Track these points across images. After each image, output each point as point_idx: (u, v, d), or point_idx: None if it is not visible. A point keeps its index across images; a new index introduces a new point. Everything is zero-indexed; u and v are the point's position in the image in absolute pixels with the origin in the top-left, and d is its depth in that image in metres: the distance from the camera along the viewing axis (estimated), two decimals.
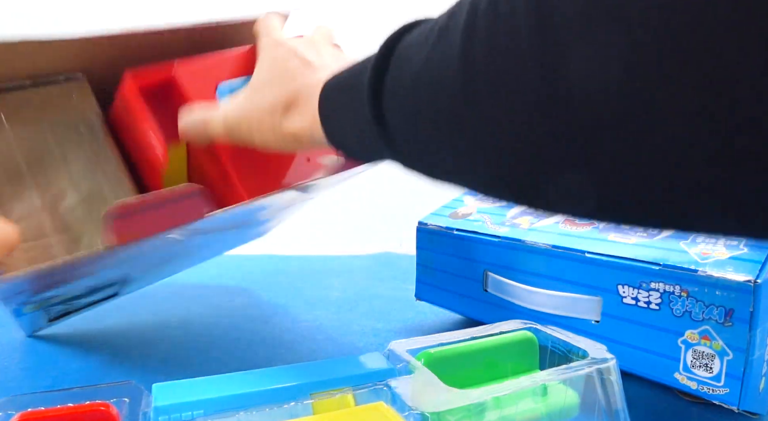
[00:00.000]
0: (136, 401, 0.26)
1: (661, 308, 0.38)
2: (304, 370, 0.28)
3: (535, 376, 0.30)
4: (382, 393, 0.27)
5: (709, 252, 0.37)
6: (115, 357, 0.47)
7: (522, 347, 0.35)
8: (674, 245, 0.39)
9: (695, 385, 0.36)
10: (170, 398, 0.25)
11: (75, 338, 0.51)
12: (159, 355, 0.48)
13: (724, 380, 0.35)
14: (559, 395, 0.30)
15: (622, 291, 0.40)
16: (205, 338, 0.52)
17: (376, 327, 0.55)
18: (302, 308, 0.62)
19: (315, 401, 0.26)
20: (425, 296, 0.57)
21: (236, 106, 0.37)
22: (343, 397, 0.27)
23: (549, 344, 0.35)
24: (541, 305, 0.45)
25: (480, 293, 0.50)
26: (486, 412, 0.27)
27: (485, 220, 0.53)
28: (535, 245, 0.46)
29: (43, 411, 0.24)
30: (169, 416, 0.24)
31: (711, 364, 0.35)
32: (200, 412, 0.24)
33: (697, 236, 0.39)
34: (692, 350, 0.36)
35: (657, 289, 0.38)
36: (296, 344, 0.50)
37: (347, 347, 0.50)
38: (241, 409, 0.24)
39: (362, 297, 0.66)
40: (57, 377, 0.43)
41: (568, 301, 0.43)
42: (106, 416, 0.25)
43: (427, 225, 0.56)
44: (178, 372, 0.44)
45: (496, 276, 0.49)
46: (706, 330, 0.35)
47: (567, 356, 0.33)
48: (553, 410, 0.30)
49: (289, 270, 0.80)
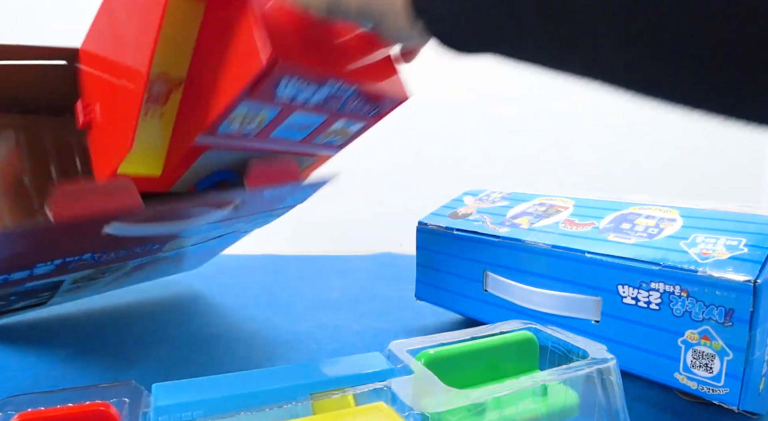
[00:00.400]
0: (136, 401, 0.26)
1: (661, 308, 0.38)
2: (304, 370, 0.28)
3: (535, 376, 0.30)
4: (382, 393, 0.27)
5: (709, 252, 0.37)
6: (115, 357, 0.47)
7: (522, 347, 0.35)
8: (674, 245, 0.39)
9: (695, 385, 0.36)
10: (170, 398, 0.25)
11: (75, 338, 0.51)
12: (159, 355, 0.48)
13: (724, 380, 0.35)
14: (559, 395, 0.30)
15: (622, 291, 0.40)
16: (205, 338, 0.52)
17: (376, 327, 0.55)
18: (302, 308, 0.62)
19: (315, 401, 0.26)
20: (425, 296, 0.57)
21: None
22: (343, 397, 0.27)
23: (549, 344, 0.35)
24: (541, 305, 0.45)
25: (480, 293, 0.50)
26: (486, 412, 0.27)
27: (485, 220, 0.53)
28: (535, 245, 0.46)
29: (43, 411, 0.24)
30: (169, 416, 0.24)
31: (711, 364, 0.35)
32: (200, 412, 0.24)
33: (697, 237, 0.39)
34: (692, 350, 0.36)
35: (657, 289, 0.38)
36: (296, 344, 0.50)
37: (347, 347, 0.50)
38: (241, 409, 0.24)
39: (362, 297, 0.66)
40: (57, 377, 0.43)
41: (568, 301, 0.43)
42: (106, 416, 0.25)
43: (427, 225, 0.56)
44: (178, 372, 0.44)
45: (496, 276, 0.49)
46: (706, 330, 0.35)
47: (567, 356, 0.33)
48: (553, 410, 0.30)
49: (289, 270, 0.80)
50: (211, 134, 0.38)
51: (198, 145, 0.39)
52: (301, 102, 0.38)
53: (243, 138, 0.40)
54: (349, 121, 0.44)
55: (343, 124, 0.44)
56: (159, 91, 0.38)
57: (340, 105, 0.40)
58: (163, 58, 0.37)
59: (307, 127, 0.42)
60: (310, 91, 0.37)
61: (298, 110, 0.39)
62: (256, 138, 0.41)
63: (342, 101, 0.40)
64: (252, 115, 0.37)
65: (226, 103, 0.35)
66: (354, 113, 0.43)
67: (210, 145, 0.40)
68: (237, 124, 0.38)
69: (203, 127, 0.37)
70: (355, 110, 0.42)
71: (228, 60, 0.35)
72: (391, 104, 0.43)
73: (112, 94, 0.40)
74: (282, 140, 0.43)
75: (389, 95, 0.42)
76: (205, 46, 0.37)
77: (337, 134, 0.46)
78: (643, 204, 0.46)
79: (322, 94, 0.38)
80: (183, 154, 0.40)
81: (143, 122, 0.38)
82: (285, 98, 0.36)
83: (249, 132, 0.39)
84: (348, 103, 0.41)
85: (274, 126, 0.40)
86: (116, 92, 0.39)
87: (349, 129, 0.45)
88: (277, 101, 0.37)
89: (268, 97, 0.36)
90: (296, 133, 0.43)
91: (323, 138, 0.45)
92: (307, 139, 0.44)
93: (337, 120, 0.43)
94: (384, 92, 0.41)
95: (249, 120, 0.38)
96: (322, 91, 0.38)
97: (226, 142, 0.40)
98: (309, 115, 0.40)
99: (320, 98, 0.38)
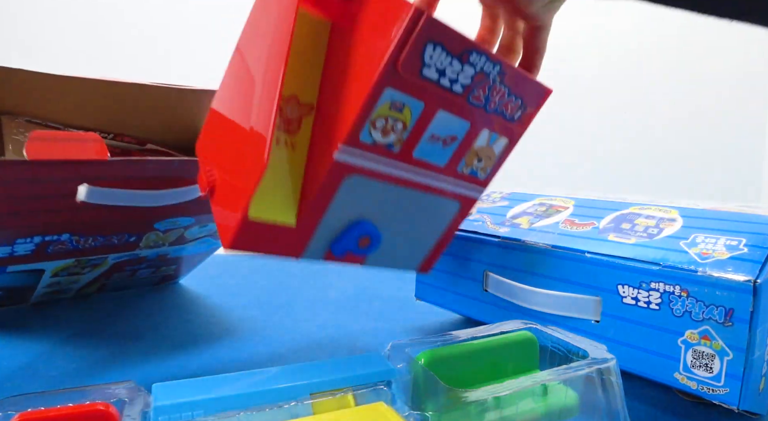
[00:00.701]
0: (136, 401, 0.26)
1: (661, 308, 0.38)
2: (304, 370, 0.28)
3: (535, 376, 0.30)
4: (382, 393, 0.27)
5: (709, 252, 0.37)
6: (115, 357, 0.47)
7: (522, 347, 0.35)
8: (674, 245, 0.39)
9: (695, 385, 0.36)
10: (170, 398, 0.25)
11: (74, 338, 0.51)
12: (159, 355, 0.48)
13: (724, 380, 0.35)
14: (559, 395, 0.30)
15: (622, 291, 0.40)
16: (206, 337, 0.52)
17: (376, 327, 0.55)
18: (302, 308, 0.62)
19: (315, 401, 0.26)
20: (425, 296, 0.57)
21: None
22: (343, 397, 0.27)
23: (549, 344, 0.35)
24: (541, 305, 0.45)
25: (480, 293, 0.50)
26: (486, 412, 0.27)
27: (485, 220, 0.53)
28: (535, 245, 0.46)
29: (43, 411, 0.24)
30: (169, 416, 0.24)
31: (711, 364, 0.35)
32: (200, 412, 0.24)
33: (697, 237, 0.39)
34: (692, 350, 0.36)
35: (657, 289, 0.38)
36: (296, 344, 0.50)
37: (347, 347, 0.50)
38: (241, 409, 0.24)
39: (362, 297, 0.66)
40: (57, 377, 0.43)
41: (568, 301, 0.43)
42: (106, 416, 0.25)
43: None
44: (178, 372, 0.44)
45: (496, 276, 0.49)
46: (706, 330, 0.35)
47: (567, 356, 0.33)
48: (553, 410, 0.30)
49: (289, 270, 0.80)
50: (353, 144, 0.33)
51: (338, 163, 0.34)
52: (447, 86, 0.34)
53: (387, 153, 0.36)
54: (493, 133, 0.40)
55: (487, 139, 0.40)
56: (291, 115, 0.35)
57: (485, 97, 0.37)
58: (293, 79, 0.35)
59: (452, 141, 0.38)
60: (456, 69, 0.34)
61: (443, 109, 0.36)
62: (400, 156, 0.36)
63: (488, 90, 0.36)
64: (395, 116, 0.34)
65: (370, 88, 0.32)
66: (499, 115, 0.39)
67: (351, 167, 0.35)
68: (380, 131, 0.34)
69: (344, 133, 0.33)
70: (501, 109, 0.38)
71: (362, 53, 0.33)
72: (538, 96, 0.40)
73: (239, 134, 0.36)
74: (426, 165, 0.38)
75: (534, 84, 0.39)
76: (335, 64, 0.35)
77: (482, 158, 0.41)
78: (643, 204, 0.46)
79: (467, 74, 0.35)
80: (320, 187, 0.34)
81: (276, 150, 0.34)
82: (431, 77, 0.33)
83: (392, 144, 0.35)
84: (493, 94, 0.37)
85: (419, 134, 0.36)
86: (244, 131, 0.36)
87: (494, 148, 0.41)
88: (423, 83, 0.33)
89: (414, 73, 0.32)
90: (440, 153, 0.38)
91: (467, 165, 0.41)
92: (451, 164, 0.39)
93: (481, 129, 0.39)
94: (529, 78, 0.38)
95: (392, 123, 0.34)
96: (467, 71, 0.34)
97: (368, 159, 0.35)
98: (453, 120, 0.37)
99: (466, 80, 0.35)
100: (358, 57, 0.34)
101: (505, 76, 0.37)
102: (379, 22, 0.32)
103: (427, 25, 0.31)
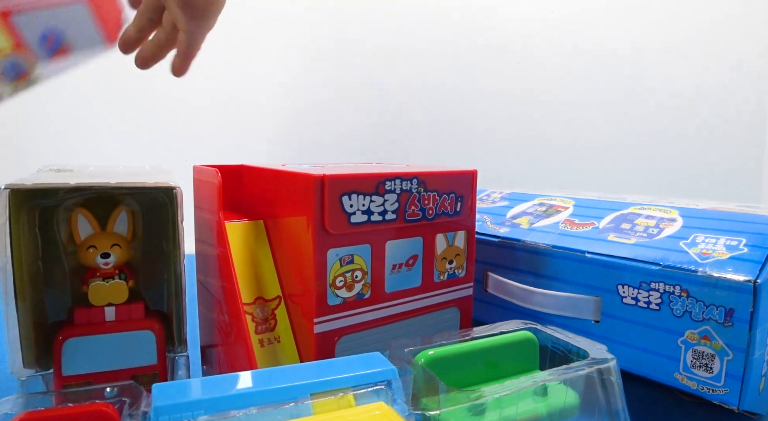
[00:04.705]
0: (136, 401, 0.26)
1: (661, 308, 0.38)
2: (304, 370, 0.28)
3: (535, 376, 0.30)
4: (382, 393, 0.27)
5: (709, 252, 0.37)
6: None
7: (522, 347, 0.35)
8: (674, 245, 0.39)
9: (695, 385, 0.36)
10: (170, 398, 0.25)
11: None
12: None
13: (724, 380, 0.35)
14: (559, 395, 0.30)
15: (622, 291, 0.40)
16: None
17: None
18: None
19: (315, 401, 0.26)
20: None
21: None
22: (343, 397, 0.27)
23: (549, 344, 0.35)
24: (541, 305, 0.45)
25: (480, 293, 0.50)
26: (486, 412, 0.27)
27: (485, 220, 0.53)
28: (535, 245, 0.46)
29: (43, 411, 0.24)
30: (169, 416, 0.24)
31: (711, 364, 0.35)
32: (200, 412, 0.24)
33: (697, 237, 0.39)
34: (692, 350, 0.36)
35: (657, 289, 0.38)
36: None
37: None
38: (241, 409, 0.24)
39: None
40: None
41: (568, 301, 0.43)
42: (106, 416, 0.25)
43: None
44: None
45: (496, 276, 0.49)
46: (706, 330, 0.35)
47: (567, 356, 0.33)
48: (553, 410, 0.30)
49: None
50: (325, 312, 0.34)
51: (321, 335, 0.35)
52: (380, 220, 0.35)
53: (361, 303, 0.36)
54: (447, 233, 0.40)
55: (446, 240, 0.40)
56: (263, 315, 0.36)
57: (420, 210, 0.37)
58: (250, 284, 0.36)
59: (415, 260, 0.39)
60: (378, 203, 0.35)
61: (390, 239, 0.36)
62: (375, 299, 0.37)
63: (418, 202, 0.37)
64: (350, 269, 0.35)
65: (313, 258, 0.33)
66: (443, 216, 0.39)
67: (336, 332, 0.35)
68: (344, 288, 0.35)
69: (312, 307, 0.34)
70: (441, 210, 0.39)
71: (294, 230, 0.35)
72: (467, 181, 0.40)
73: (229, 342, 0.37)
74: (404, 293, 0.38)
75: (457, 174, 0.40)
76: (280, 249, 0.37)
77: (452, 260, 0.41)
78: (643, 204, 0.46)
79: (391, 201, 0.36)
80: (316, 359, 0.35)
81: (262, 353, 0.35)
82: (361, 221, 0.35)
83: (361, 293, 0.36)
84: (426, 203, 0.38)
85: (380, 271, 0.37)
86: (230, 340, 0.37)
87: (457, 244, 0.41)
88: (357, 229, 0.35)
89: (344, 226, 0.34)
90: (410, 276, 0.39)
91: (442, 272, 0.41)
92: (426, 280, 0.39)
93: (435, 236, 0.39)
94: (450, 172, 0.39)
95: (350, 275, 0.35)
96: (389, 199, 0.36)
97: (348, 316, 0.36)
98: (404, 243, 0.38)
99: (393, 206, 0.36)
100: (293, 235, 0.35)
101: (427, 183, 0.38)
102: (297, 198, 0.34)
103: (332, 185, 0.33)
